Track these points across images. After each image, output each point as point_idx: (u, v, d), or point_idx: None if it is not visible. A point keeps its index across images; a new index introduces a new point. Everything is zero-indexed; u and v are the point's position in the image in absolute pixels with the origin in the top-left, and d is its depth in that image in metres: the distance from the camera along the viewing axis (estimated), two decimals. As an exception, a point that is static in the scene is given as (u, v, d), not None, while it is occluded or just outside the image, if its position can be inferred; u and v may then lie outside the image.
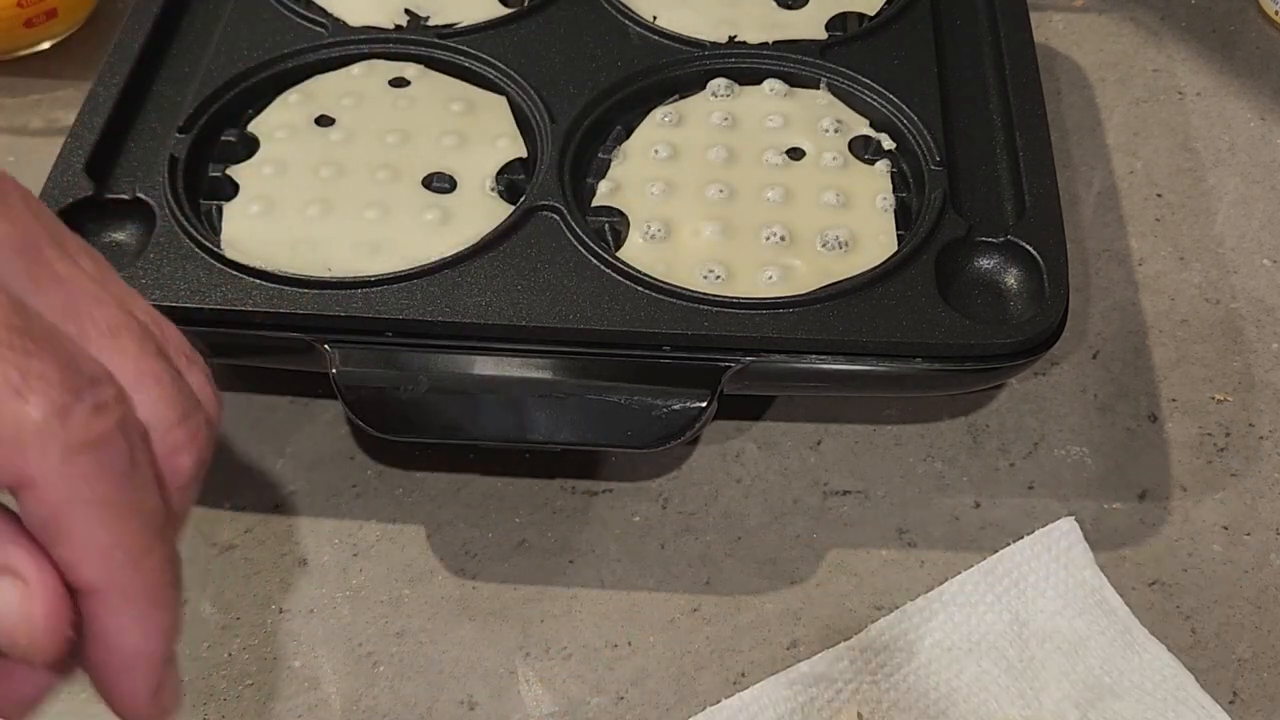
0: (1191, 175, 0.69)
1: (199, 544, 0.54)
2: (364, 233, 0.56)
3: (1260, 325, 0.62)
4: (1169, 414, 0.59)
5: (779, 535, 0.55)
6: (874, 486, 0.57)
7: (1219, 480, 0.57)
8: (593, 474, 0.57)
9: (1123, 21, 0.78)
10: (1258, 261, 0.65)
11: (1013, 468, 0.57)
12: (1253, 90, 0.74)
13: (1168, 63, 0.75)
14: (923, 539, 0.55)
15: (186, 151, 0.58)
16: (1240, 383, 0.60)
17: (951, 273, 0.55)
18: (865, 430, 0.58)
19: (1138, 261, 0.65)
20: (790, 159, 0.59)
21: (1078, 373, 0.60)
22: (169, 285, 0.53)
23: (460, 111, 0.61)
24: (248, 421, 0.58)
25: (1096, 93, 0.74)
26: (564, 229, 0.55)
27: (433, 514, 0.55)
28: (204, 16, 0.65)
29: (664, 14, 0.65)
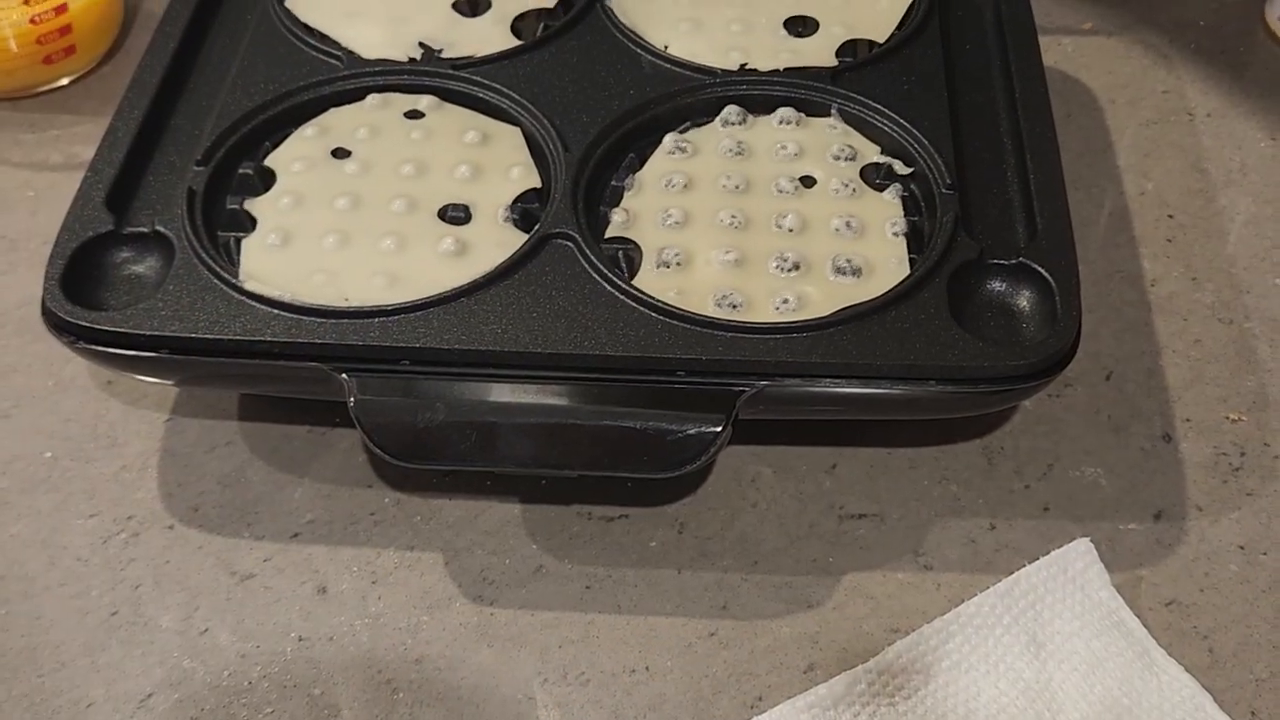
0: (1203, 196, 0.69)
1: (218, 572, 0.55)
2: (381, 263, 0.56)
3: (1274, 344, 0.63)
4: (1183, 434, 0.59)
5: (795, 559, 0.55)
6: (889, 509, 0.57)
7: (1234, 500, 0.57)
8: (609, 500, 0.57)
9: (1131, 44, 0.79)
10: (1270, 281, 0.65)
11: (1028, 489, 0.57)
12: (1262, 110, 0.74)
13: (1177, 84, 0.76)
14: (939, 561, 0.55)
15: (205, 184, 0.58)
16: (1254, 402, 0.60)
17: (964, 295, 0.55)
18: (880, 453, 0.59)
19: (1150, 282, 0.65)
20: (803, 186, 0.59)
21: (1091, 394, 0.61)
22: (188, 317, 0.53)
23: (475, 142, 0.61)
24: (266, 450, 0.59)
25: (1107, 114, 0.74)
26: (578, 257, 0.56)
27: (450, 541, 0.56)
28: (221, 51, 0.66)
29: (675, 43, 0.66)
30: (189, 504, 0.57)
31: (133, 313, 0.54)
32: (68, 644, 0.53)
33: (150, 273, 0.56)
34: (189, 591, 0.54)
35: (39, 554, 0.56)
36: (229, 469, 0.58)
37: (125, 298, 0.55)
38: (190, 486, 0.58)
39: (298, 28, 0.67)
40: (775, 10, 0.68)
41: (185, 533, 0.56)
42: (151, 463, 0.59)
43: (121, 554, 0.56)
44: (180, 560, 0.55)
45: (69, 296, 0.54)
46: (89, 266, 0.56)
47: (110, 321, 0.53)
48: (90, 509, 0.57)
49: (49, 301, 0.54)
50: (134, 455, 0.59)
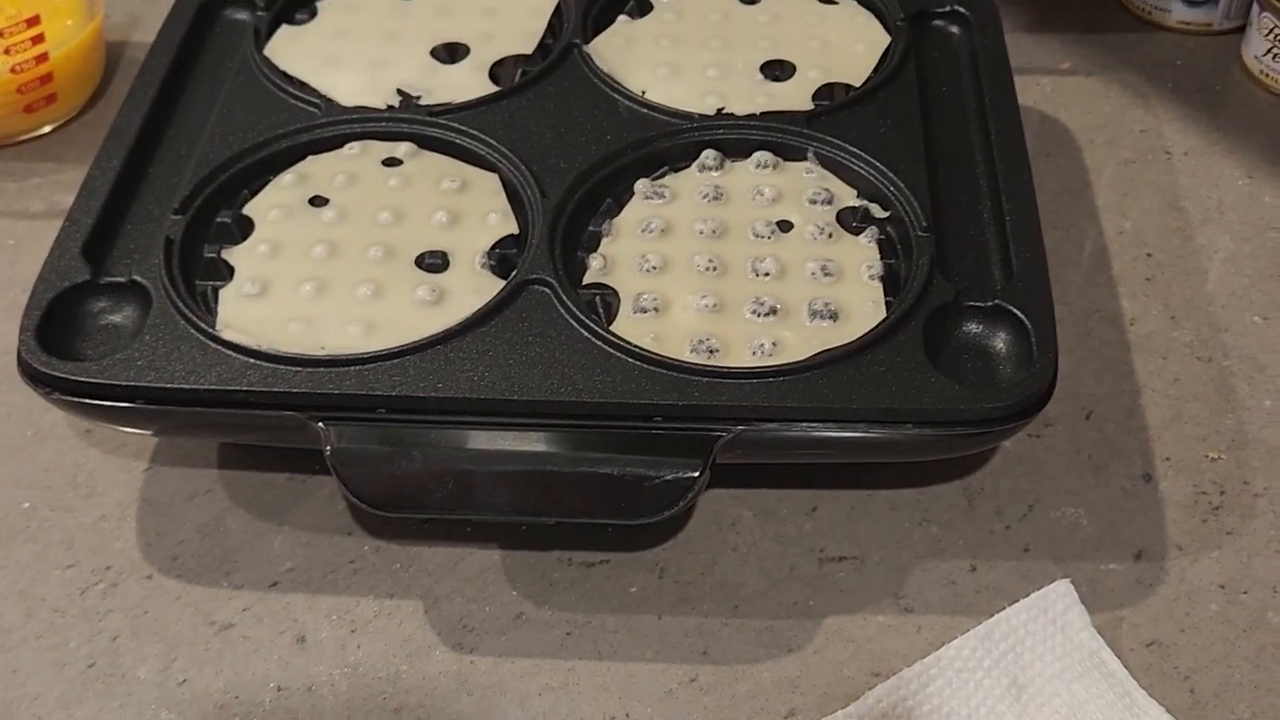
0: (1181, 234, 0.70)
1: (197, 622, 0.55)
2: (357, 311, 0.56)
3: (1252, 382, 0.63)
4: (1163, 473, 0.59)
5: (776, 603, 0.55)
6: (870, 552, 0.57)
7: (1214, 539, 0.57)
8: (589, 545, 0.57)
9: (1109, 83, 0.79)
10: (1248, 319, 0.65)
11: (1008, 530, 0.57)
12: (1240, 149, 0.75)
13: (1155, 123, 0.76)
14: (919, 604, 0.55)
15: (182, 233, 0.59)
16: (1234, 440, 0.60)
17: (940, 338, 0.55)
18: (860, 496, 0.59)
19: (1129, 321, 0.65)
20: (780, 231, 0.59)
21: (1071, 434, 0.61)
22: (164, 367, 0.53)
23: (452, 189, 0.61)
24: (245, 499, 0.59)
25: (1085, 154, 0.75)
26: (555, 303, 0.56)
27: (430, 588, 0.56)
28: (200, 99, 0.66)
29: (653, 88, 0.66)
30: (168, 553, 0.57)
31: (109, 363, 0.54)
32: (44, 696, 0.53)
33: (127, 322, 0.56)
34: (167, 642, 0.54)
35: (16, 605, 0.55)
36: (208, 518, 0.58)
37: (102, 348, 0.55)
38: (169, 536, 0.58)
39: (276, 75, 0.67)
40: (752, 55, 0.68)
41: (164, 582, 0.56)
42: (130, 512, 0.58)
43: (99, 604, 0.55)
44: (158, 610, 0.55)
45: (45, 347, 0.54)
46: (65, 316, 0.56)
47: (86, 372, 0.53)
48: (68, 559, 0.57)
49: (24, 353, 0.54)
50: (113, 505, 0.59)
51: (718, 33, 0.70)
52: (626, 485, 0.52)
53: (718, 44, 0.69)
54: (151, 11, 0.83)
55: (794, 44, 0.69)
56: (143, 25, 0.83)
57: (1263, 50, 0.78)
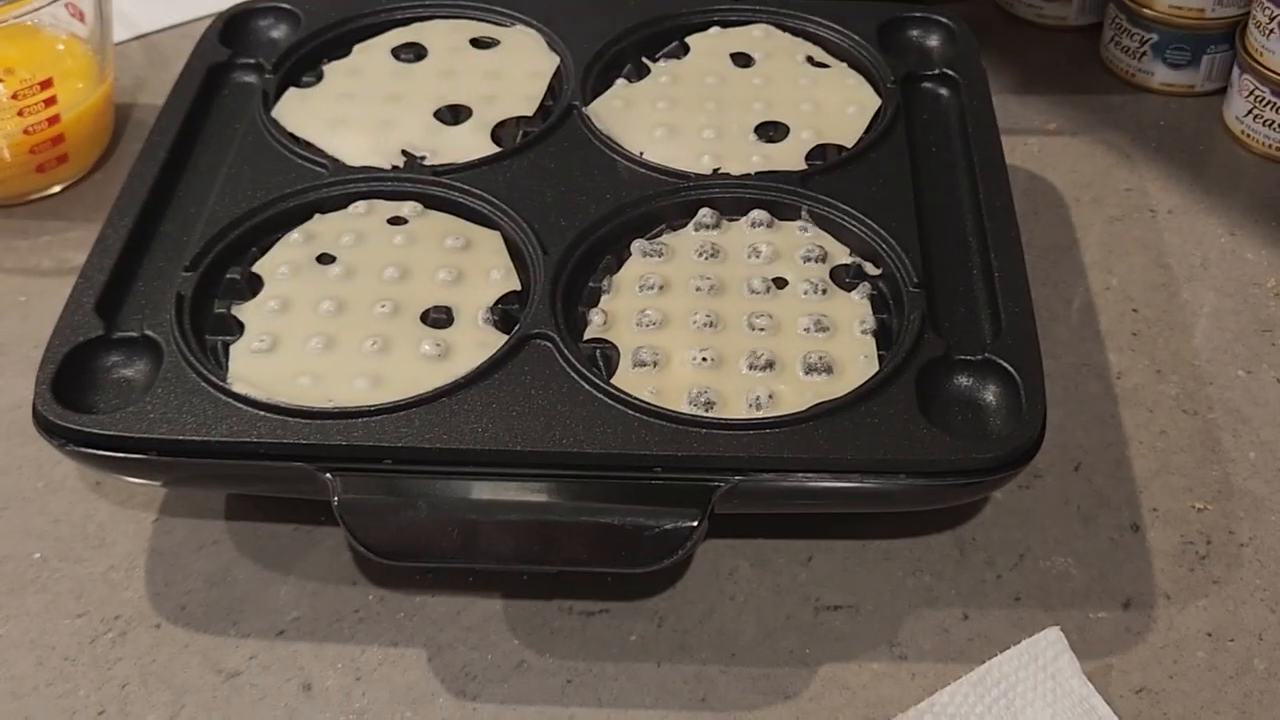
0: (1166, 290, 0.71)
1: (205, 670, 0.56)
2: (364, 365, 0.58)
3: (1237, 434, 0.64)
4: (1150, 523, 0.60)
5: (772, 651, 0.56)
6: (864, 601, 0.58)
7: (1202, 588, 0.58)
8: (589, 594, 0.58)
9: (1094, 143, 0.81)
10: (1232, 372, 0.67)
11: (999, 579, 0.58)
12: (1222, 207, 0.76)
13: (1139, 182, 0.78)
14: (913, 651, 0.56)
15: (193, 290, 0.60)
16: (1219, 491, 0.62)
17: (932, 390, 0.56)
18: (855, 545, 0.60)
19: (1116, 375, 0.67)
20: (775, 287, 0.61)
21: (1061, 485, 0.62)
22: (176, 419, 0.55)
23: (456, 247, 0.63)
24: (253, 549, 0.60)
25: (1072, 212, 0.76)
26: (557, 356, 0.57)
27: (434, 637, 0.57)
28: (209, 159, 0.68)
29: (651, 148, 0.68)
30: (176, 603, 0.58)
31: (121, 416, 0.55)
32: (55, 744, 0.54)
33: (139, 376, 0.58)
34: (175, 690, 0.55)
35: (27, 654, 0.56)
36: (215, 568, 0.59)
37: (114, 401, 0.57)
38: (177, 585, 0.59)
39: (284, 136, 0.69)
40: (746, 117, 0.70)
41: (172, 631, 0.57)
42: (139, 562, 0.60)
43: (109, 653, 0.56)
44: (167, 659, 0.56)
45: (59, 400, 0.55)
46: (79, 370, 0.57)
47: (99, 424, 0.55)
48: (78, 609, 0.58)
49: (39, 405, 0.55)
50: (122, 555, 0.60)
51: (713, 95, 0.72)
52: (626, 535, 0.53)
53: (713, 106, 0.71)
54: (157, 75, 0.86)
55: (787, 106, 0.71)
56: (149, 88, 0.85)
57: (1244, 111, 0.80)
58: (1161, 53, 0.84)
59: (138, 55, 0.89)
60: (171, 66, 0.74)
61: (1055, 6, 0.89)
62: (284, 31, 0.76)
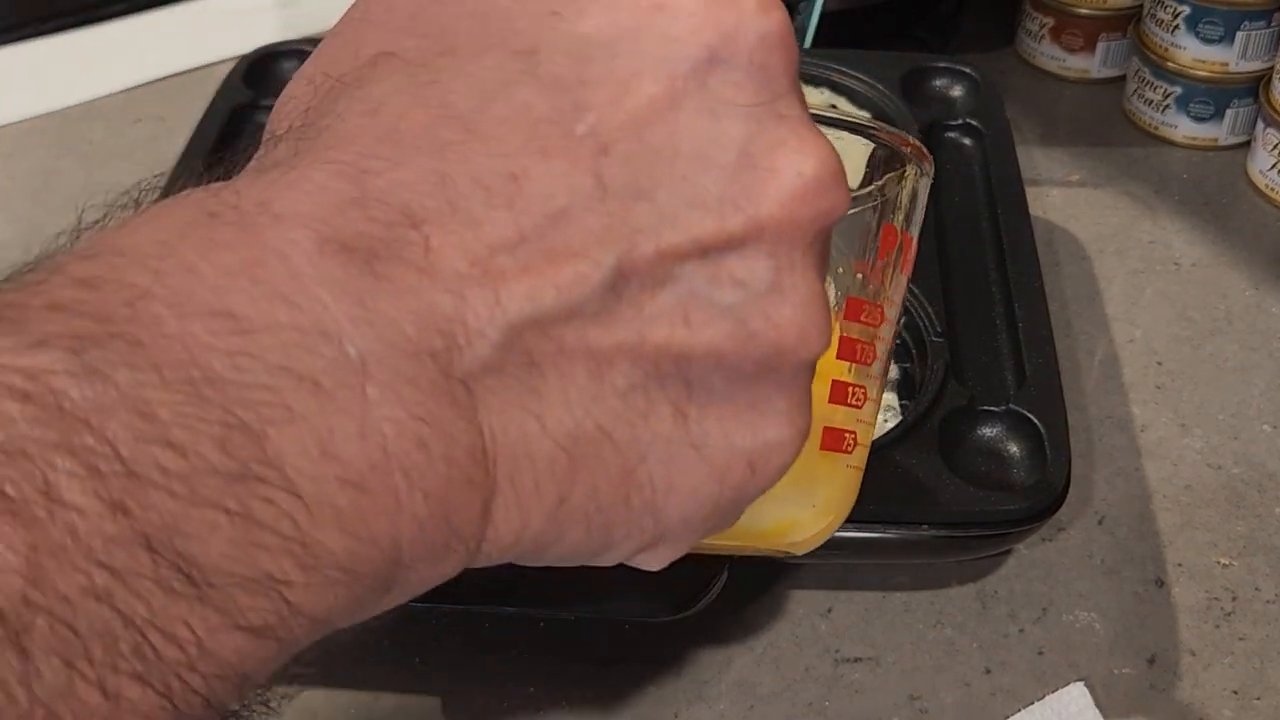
0: (1190, 344, 0.71)
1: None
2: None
3: (1263, 490, 0.63)
4: (1175, 578, 0.60)
5: (791, 703, 0.55)
6: (885, 653, 0.57)
7: (1227, 644, 0.57)
8: (607, 644, 0.57)
9: (1118, 195, 0.81)
10: (1257, 427, 0.66)
11: (1022, 633, 0.58)
12: (1246, 261, 0.76)
13: (1163, 234, 0.78)
14: (934, 706, 0.55)
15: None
16: (1245, 547, 0.61)
17: (955, 441, 0.56)
18: (875, 597, 0.59)
19: (1140, 428, 0.66)
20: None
21: (1084, 538, 0.61)
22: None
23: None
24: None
25: (1095, 264, 0.76)
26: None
27: (448, 685, 0.56)
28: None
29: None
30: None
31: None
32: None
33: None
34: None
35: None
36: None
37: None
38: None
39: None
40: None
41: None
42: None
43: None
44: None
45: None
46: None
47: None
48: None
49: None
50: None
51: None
52: (646, 584, 0.52)
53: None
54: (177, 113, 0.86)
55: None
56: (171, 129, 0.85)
57: (1268, 165, 0.80)
58: (1185, 106, 0.83)
59: (159, 95, 0.89)
60: (192, 104, 0.74)
61: (1078, 58, 0.90)
62: (308, 74, 0.76)
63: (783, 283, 0.32)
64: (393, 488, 0.27)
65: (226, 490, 0.25)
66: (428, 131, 0.30)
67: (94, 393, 0.25)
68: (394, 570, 0.28)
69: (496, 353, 0.29)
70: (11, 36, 0.92)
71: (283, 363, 0.26)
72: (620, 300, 0.30)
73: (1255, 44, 0.81)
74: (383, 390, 0.27)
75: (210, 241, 0.27)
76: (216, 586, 0.25)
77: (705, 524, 0.34)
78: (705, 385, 0.32)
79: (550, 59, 0.30)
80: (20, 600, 0.23)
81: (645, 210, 0.30)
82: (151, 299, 0.26)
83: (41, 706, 0.23)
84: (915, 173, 0.42)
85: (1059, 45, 0.90)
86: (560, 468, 0.30)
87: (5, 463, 0.24)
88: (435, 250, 0.28)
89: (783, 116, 0.32)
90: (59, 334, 0.25)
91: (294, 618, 0.27)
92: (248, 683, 0.27)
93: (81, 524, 0.24)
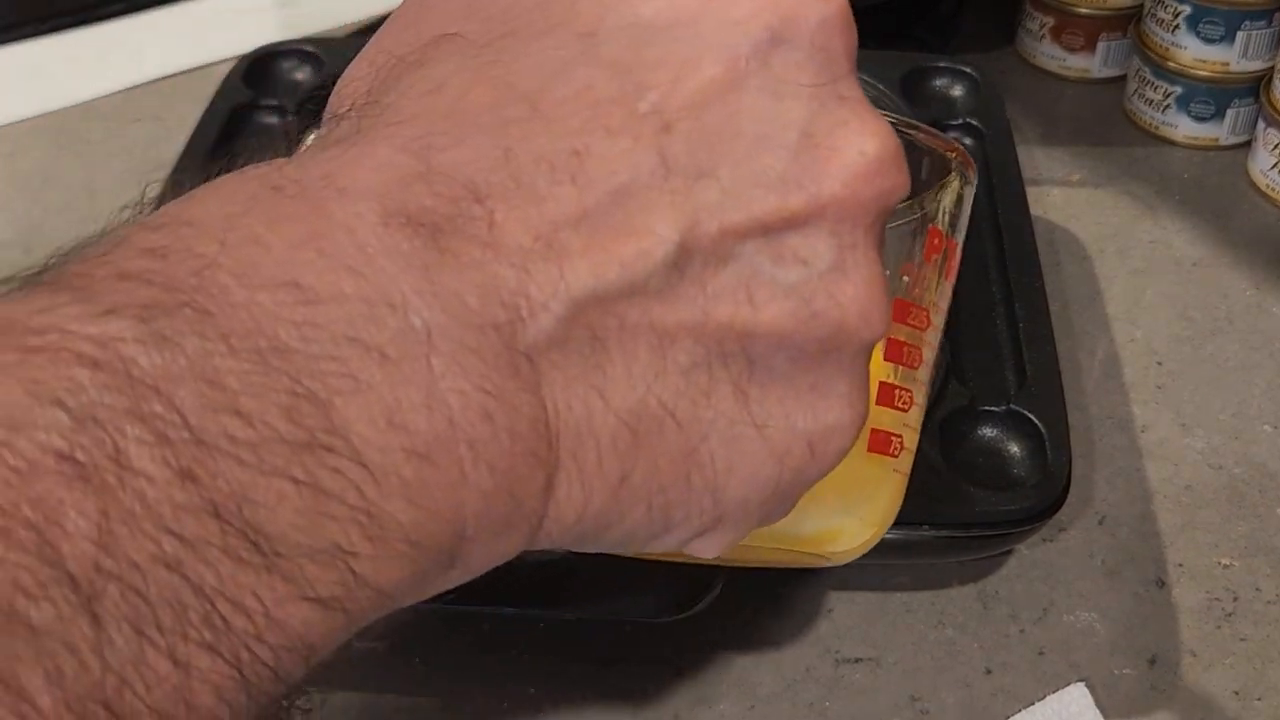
0: (1191, 344, 0.71)
1: None
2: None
3: (1264, 490, 0.63)
4: (1176, 579, 0.60)
5: (792, 704, 0.55)
6: (886, 654, 0.57)
7: (1228, 645, 0.57)
8: (607, 644, 0.57)
9: (1119, 195, 0.81)
10: (1258, 428, 0.66)
11: (1023, 634, 0.58)
12: (1247, 261, 0.76)
13: (1163, 234, 0.78)
14: (935, 706, 0.55)
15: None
16: (1246, 547, 0.61)
17: (956, 441, 0.56)
18: (876, 597, 0.59)
19: (1141, 428, 0.66)
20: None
21: (1085, 539, 0.61)
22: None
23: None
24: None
25: (1095, 264, 0.76)
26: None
27: (448, 686, 0.56)
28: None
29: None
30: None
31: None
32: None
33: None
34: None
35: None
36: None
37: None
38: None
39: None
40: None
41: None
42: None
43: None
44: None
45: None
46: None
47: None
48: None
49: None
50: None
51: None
52: (645, 584, 0.52)
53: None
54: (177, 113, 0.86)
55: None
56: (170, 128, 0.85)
57: (1269, 165, 0.80)
58: (1185, 106, 0.83)
59: (158, 95, 0.89)
60: (189, 105, 0.74)
61: (1079, 58, 0.89)
62: (307, 74, 0.76)
63: (845, 262, 0.31)
64: (458, 459, 0.27)
65: (294, 459, 0.25)
66: (491, 110, 0.30)
67: (163, 360, 0.25)
68: (458, 544, 0.28)
69: (560, 327, 0.29)
70: (11, 36, 0.91)
71: (349, 333, 0.26)
72: (683, 278, 0.30)
73: (1256, 44, 0.81)
74: (447, 362, 0.27)
75: (276, 214, 0.27)
76: (284, 556, 0.25)
77: (762, 508, 0.34)
78: (767, 364, 0.32)
79: (611, 41, 0.31)
80: (92, 566, 0.23)
81: (708, 188, 0.30)
82: (219, 269, 0.26)
83: (113, 674, 0.23)
84: (960, 178, 0.41)
85: (1059, 45, 0.89)
86: (623, 444, 0.30)
87: (76, 429, 0.24)
88: (499, 225, 0.29)
89: (844, 98, 0.32)
90: (128, 303, 0.25)
91: (360, 590, 0.27)
92: (313, 656, 0.27)
93: (151, 491, 0.24)
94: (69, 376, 0.24)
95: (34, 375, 0.24)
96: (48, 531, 0.23)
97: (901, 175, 0.32)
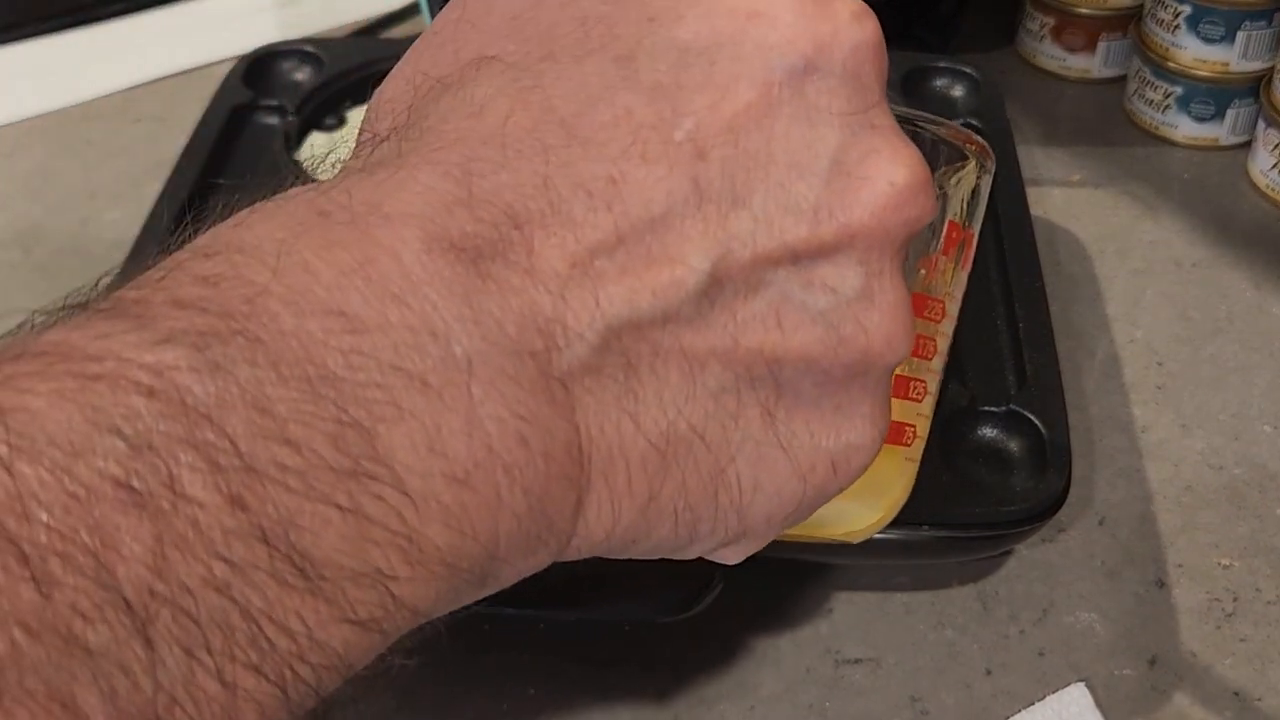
0: (1191, 344, 0.71)
1: None
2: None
3: (1264, 490, 0.63)
4: (1176, 579, 0.60)
5: (792, 705, 0.55)
6: (885, 655, 0.57)
7: (1228, 645, 0.57)
8: (607, 645, 0.57)
9: (1119, 195, 0.81)
10: (1259, 428, 0.66)
11: (1023, 635, 0.58)
12: (1247, 261, 0.76)
13: (1164, 235, 0.78)
14: (935, 707, 0.55)
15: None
16: (1246, 548, 0.61)
17: (956, 441, 0.56)
18: (876, 598, 0.59)
19: (1141, 429, 0.66)
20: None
21: (1085, 539, 0.61)
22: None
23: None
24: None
25: (1096, 264, 0.76)
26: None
27: (448, 687, 0.56)
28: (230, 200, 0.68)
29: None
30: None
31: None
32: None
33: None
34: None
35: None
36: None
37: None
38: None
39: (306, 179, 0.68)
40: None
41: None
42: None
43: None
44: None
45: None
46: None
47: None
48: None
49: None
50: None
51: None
52: (645, 584, 0.52)
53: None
54: (177, 113, 0.86)
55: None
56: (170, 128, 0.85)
57: (1269, 165, 0.80)
58: (1186, 106, 0.83)
59: (158, 95, 0.89)
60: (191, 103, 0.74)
61: (1079, 58, 0.89)
62: (307, 74, 0.76)
63: (872, 289, 0.32)
64: (495, 484, 0.28)
65: (339, 486, 0.26)
66: (530, 135, 0.30)
67: (216, 389, 0.25)
68: (490, 564, 0.29)
69: (594, 354, 0.30)
70: (11, 36, 0.91)
71: (394, 362, 0.27)
72: (714, 305, 0.31)
73: (1256, 44, 0.81)
74: (486, 389, 0.28)
75: (325, 239, 0.28)
76: (328, 580, 0.26)
77: (785, 521, 0.35)
78: (794, 388, 0.32)
79: (649, 65, 0.31)
80: (146, 591, 0.24)
81: (741, 216, 0.31)
82: (269, 296, 0.27)
83: (164, 694, 0.24)
84: (977, 169, 0.42)
85: (1060, 45, 0.89)
86: (653, 465, 0.31)
87: (133, 456, 0.24)
88: (537, 252, 0.29)
89: (875, 126, 0.32)
90: (183, 330, 0.26)
91: (398, 611, 0.28)
92: (350, 672, 0.28)
93: (203, 517, 0.24)
94: (127, 404, 0.25)
95: (93, 402, 0.25)
96: (104, 556, 0.23)
97: (929, 201, 0.33)
